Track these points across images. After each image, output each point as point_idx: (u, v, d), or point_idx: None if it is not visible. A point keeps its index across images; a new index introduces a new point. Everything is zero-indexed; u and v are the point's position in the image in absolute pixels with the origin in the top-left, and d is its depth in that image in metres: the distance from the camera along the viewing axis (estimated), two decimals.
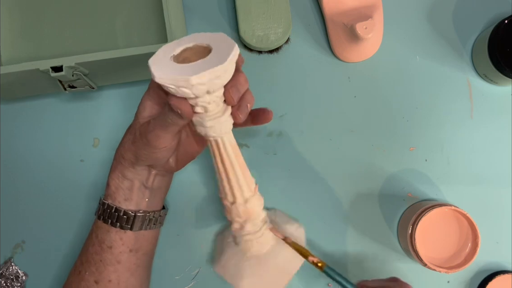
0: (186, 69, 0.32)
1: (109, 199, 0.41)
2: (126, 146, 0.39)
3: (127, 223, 0.41)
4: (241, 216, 0.38)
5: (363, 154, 0.51)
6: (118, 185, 0.41)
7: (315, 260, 0.40)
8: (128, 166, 0.40)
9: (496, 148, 0.50)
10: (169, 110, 0.34)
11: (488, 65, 0.47)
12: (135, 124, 0.38)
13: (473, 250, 0.44)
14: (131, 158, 0.39)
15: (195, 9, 0.53)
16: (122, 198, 0.41)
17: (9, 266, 0.50)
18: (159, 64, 0.33)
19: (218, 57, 0.32)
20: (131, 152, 0.39)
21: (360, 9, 0.49)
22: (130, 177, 0.40)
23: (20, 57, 0.50)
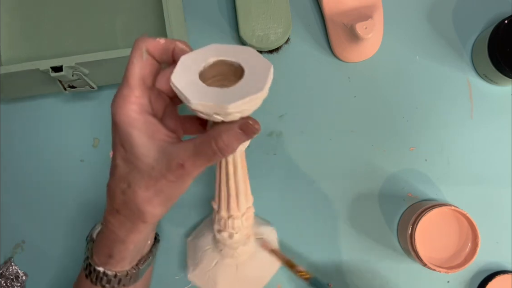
0: (221, 94, 0.28)
1: (107, 267, 0.36)
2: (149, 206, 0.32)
3: (130, 280, 0.37)
4: (234, 228, 0.38)
5: (363, 154, 0.51)
6: (127, 254, 0.36)
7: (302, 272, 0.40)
8: (147, 228, 0.35)
9: (496, 148, 0.50)
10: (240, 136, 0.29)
11: (488, 65, 0.47)
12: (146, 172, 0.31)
13: (473, 250, 0.44)
14: (159, 215, 0.33)
15: (195, 9, 0.53)
16: (128, 262, 0.37)
17: (9, 266, 0.50)
18: (186, 84, 0.29)
19: (254, 79, 0.28)
20: (159, 207, 0.33)
21: (360, 9, 0.49)
22: (144, 238, 0.36)
23: (20, 57, 0.50)
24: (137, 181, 0.31)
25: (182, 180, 0.31)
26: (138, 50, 0.31)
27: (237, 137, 0.29)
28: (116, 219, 0.34)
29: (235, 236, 0.39)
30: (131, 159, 0.31)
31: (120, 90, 0.31)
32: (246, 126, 0.29)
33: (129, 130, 0.30)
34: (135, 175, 0.31)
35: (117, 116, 0.31)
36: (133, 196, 0.32)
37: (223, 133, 0.29)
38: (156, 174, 0.31)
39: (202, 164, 0.30)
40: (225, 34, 0.52)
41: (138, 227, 0.34)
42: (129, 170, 0.31)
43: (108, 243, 0.35)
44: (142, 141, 0.31)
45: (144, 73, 0.31)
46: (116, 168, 0.32)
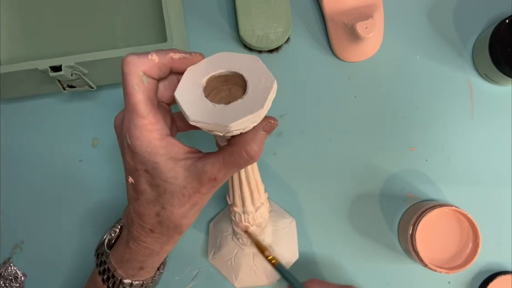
0: (222, 112, 0.28)
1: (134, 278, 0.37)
2: (186, 219, 0.33)
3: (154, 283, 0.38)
4: (249, 222, 0.39)
5: (363, 154, 0.50)
6: (157, 263, 0.37)
7: (270, 257, 0.40)
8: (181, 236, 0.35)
9: (497, 148, 0.50)
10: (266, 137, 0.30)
11: (489, 64, 0.47)
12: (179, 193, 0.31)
13: (474, 250, 0.44)
14: (192, 223, 0.34)
15: (195, 9, 0.52)
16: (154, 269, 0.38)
17: (8, 266, 0.50)
18: (188, 99, 0.29)
19: (256, 97, 0.28)
20: (193, 218, 0.34)
21: (360, 9, 0.49)
22: None
23: (19, 57, 0.50)
24: (171, 202, 0.31)
25: (213, 190, 0.32)
26: (134, 76, 0.29)
27: (264, 140, 0.30)
28: (150, 237, 0.34)
29: (250, 228, 0.40)
30: (159, 184, 0.31)
31: (131, 120, 0.29)
32: (269, 126, 0.30)
33: (153, 158, 0.30)
34: (167, 197, 0.31)
35: (138, 148, 0.30)
36: (170, 215, 0.32)
37: (252, 141, 0.30)
38: (189, 192, 0.31)
39: (233, 173, 0.32)
40: (225, 33, 0.52)
41: (174, 239, 0.35)
42: (158, 193, 0.31)
43: (140, 258, 0.35)
44: (169, 167, 0.30)
45: (151, 97, 0.30)
46: (142, 193, 0.32)
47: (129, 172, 0.32)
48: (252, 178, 0.36)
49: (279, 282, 0.48)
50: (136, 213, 0.33)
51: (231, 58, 0.30)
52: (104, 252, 0.38)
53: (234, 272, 0.43)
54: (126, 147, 0.31)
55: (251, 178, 0.36)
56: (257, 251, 0.42)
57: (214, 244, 0.46)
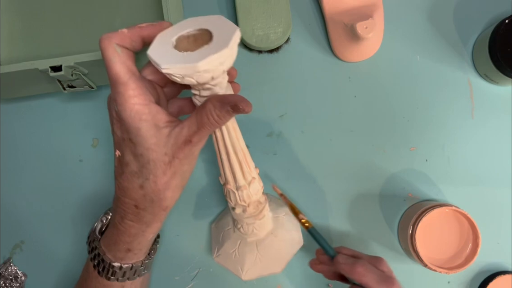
0: (191, 56, 0.31)
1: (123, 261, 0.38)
2: (169, 191, 0.34)
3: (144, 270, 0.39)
4: (244, 200, 0.39)
5: (363, 154, 0.50)
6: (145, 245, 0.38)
7: (303, 220, 0.41)
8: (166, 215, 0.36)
9: (497, 148, 0.50)
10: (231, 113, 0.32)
11: (489, 64, 0.47)
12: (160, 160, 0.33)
13: (474, 250, 0.44)
14: (176, 197, 0.35)
15: (195, 9, 0.52)
16: (144, 252, 0.38)
17: (8, 266, 0.50)
18: (160, 54, 0.32)
19: (221, 41, 0.31)
20: (177, 190, 0.35)
21: (360, 9, 0.49)
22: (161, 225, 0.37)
23: (19, 57, 0.50)
24: (154, 171, 0.33)
25: (191, 155, 0.33)
26: (109, 48, 0.32)
27: (228, 114, 0.32)
28: (135, 214, 0.35)
29: (248, 209, 0.40)
30: (142, 153, 0.32)
31: (115, 89, 0.32)
32: (236, 108, 0.32)
33: (137, 124, 0.32)
34: (150, 166, 0.33)
35: (123, 113, 0.32)
36: (154, 186, 0.33)
37: (216, 109, 0.32)
38: (169, 158, 0.32)
39: (205, 135, 0.33)
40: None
41: (159, 216, 0.35)
42: (141, 164, 0.33)
43: (126, 239, 0.36)
44: (151, 133, 0.32)
45: (128, 65, 0.32)
46: (126, 166, 0.33)
47: (117, 144, 0.34)
48: (238, 146, 0.37)
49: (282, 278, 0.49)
50: (121, 189, 0.34)
51: (198, 20, 0.34)
52: (95, 238, 0.39)
53: (239, 264, 0.44)
54: (114, 117, 0.33)
55: (237, 146, 0.37)
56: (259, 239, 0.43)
57: (217, 241, 0.46)
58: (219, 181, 0.40)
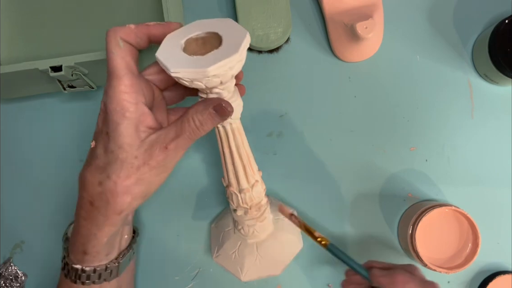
0: (200, 61, 0.30)
1: (84, 264, 0.36)
2: (127, 196, 0.32)
3: (111, 274, 0.37)
4: (247, 202, 0.39)
5: (363, 154, 0.50)
6: (100, 248, 0.35)
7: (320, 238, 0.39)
8: (121, 220, 0.34)
9: (497, 148, 0.50)
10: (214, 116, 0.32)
11: (489, 65, 0.47)
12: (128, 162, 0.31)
13: (474, 250, 0.44)
14: (134, 205, 0.33)
15: (195, 9, 0.52)
16: (104, 255, 0.36)
17: (8, 266, 0.50)
18: (169, 56, 0.31)
19: (230, 46, 0.31)
20: (136, 198, 0.33)
21: (360, 9, 0.49)
22: (117, 231, 0.35)
23: (19, 57, 0.50)
24: (118, 172, 0.32)
25: (163, 165, 0.32)
26: (113, 41, 0.32)
27: (210, 117, 0.32)
28: (88, 212, 0.33)
29: (250, 211, 0.40)
30: (113, 149, 0.32)
31: (109, 82, 0.32)
32: (219, 107, 0.32)
33: (119, 119, 0.31)
34: (115, 166, 0.32)
35: (109, 105, 0.31)
36: (113, 186, 0.32)
37: (198, 113, 0.32)
38: (139, 162, 0.32)
39: (184, 145, 0.32)
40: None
41: (111, 220, 0.33)
42: (108, 160, 0.32)
43: (81, 240, 0.35)
44: (129, 131, 0.31)
45: (127, 61, 0.32)
46: (95, 158, 0.33)
47: (95, 135, 0.34)
48: (243, 150, 0.37)
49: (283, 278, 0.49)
50: (81, 181, 0.33)
51: (207, 23, 0.33)
52: (66, 237, 0.39)
53: (239, 265, 0.44)
54: (101, 109, 0.33)
55: (241, 150, 0.37)
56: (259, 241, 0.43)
57: (216, 242, 0.46)
58: (220, 182, 0.40)
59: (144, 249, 0.50)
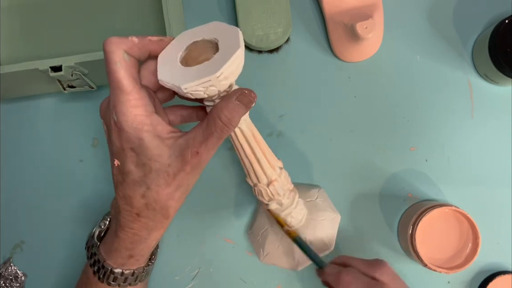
0: (206, 68, 0.30)
1: (124, 267, 0.37)
2: (172, 201, 0.33)
3: (147, 273, 0.38)
4: (279, 192, 0.39)
5: (363, 154, 0.50)
6: (147, 251, 0.36)
7: (289, 230, 0.41)
8: (169, 223, 0.35)
9: (497, 148, 0.50)
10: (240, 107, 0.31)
11: (489, 64, 0.47)
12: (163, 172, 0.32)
13: (474, 250, 0.44)
14: (178, 207, 0.35)
15: (195, 9, 0.52)
16: (144, 259, 0.37)
17: (8, 266, 0.50)
18: (173, 75, 0.31)
19: (229, 45, 0.30)
20: (179, 201, 0.34)
21: (360, 9, 0.49)
22: None
23: (19, 57, 0.50)
24: (157, 182, 0.32)
25: (198, 167, 0.32)
26: (116, 54, 0.31)
27: (237, 108, 0.31)
28: (138, 222, 0.34)
29: (283, 201, 0.40)
30: (145, 162, 0.32)
31: (116, 97, 0.31)
32: (243, 96, 0.31)
33: (139, 134, 0.31)
34: (152, 176, 0.32)
35: (124, 123, 0.31)
36: (156, 196, 0.32)
37: (224, 108, 0.31)
38: (174, 170, 0.32)
39: (214, 145, 0.32)
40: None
41: (162, 224, 0.35)
42: (143, 173, 0.32)
43: (128, 246, 0.35)
44: (154, 143, 0.31)
45: (133, 74, 0.31)
46: (128, 175, 0.32)
47: (115, 154, 0.33)
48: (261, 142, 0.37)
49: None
50: (122, 198, 0.34)
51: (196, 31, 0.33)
52: (94, 244, 0.38)
53: (290, 257, 0.44)
54: (113, 127, 0.32)
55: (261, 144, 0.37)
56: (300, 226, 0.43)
57: (258, 245, 0.47)
58: (220, 182, 0.40)
59: None
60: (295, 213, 0.42)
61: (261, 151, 0.37)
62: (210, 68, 0.30)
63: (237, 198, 0.50)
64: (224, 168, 0.51)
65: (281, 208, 0.41)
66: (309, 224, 0.44)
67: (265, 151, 0.37)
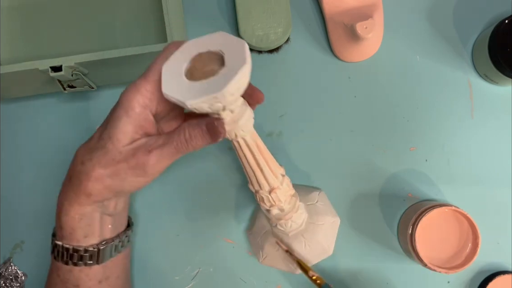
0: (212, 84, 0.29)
1: (63, 240, 0.36)
2: (99, 183, 0.33)
3: (91, 259, 0.36)
4: (280, 199, 0.39)
5: (363, 154, 0.50)
6: (74, 225, 0.35)
7: (314, 277, 0.41)
8: (91, 204, 0.34)
9: (497, 148, 0.50)
10: (205, 134, 0.32)
11: (489, 65, 0.47)
12: (112, 154, 0.32)
13: (474, 250, 0.44)
14: (104, 194, 0.34)
15: (195, 9, 0.52)
16: (81, 236, 0.36)
17: (8, 266, 0.50)
18: (177, 89, 0.30)
19: (235, 59, 0.30)
20: (107, 189, 0.33)
21: (360, 9, 0.49)
22: (90, 213, 0.35)
23: (19, 57, 0.50)
24: (99, 158, 0.33)
25: (143, 169, 0.32)
26: (169, 51, 0.32)
27: (202, 134, 0.32)
28: (65, 187, 0.35)
29: (284, 207, 0.40)
30: (104, 137, 0.33)
31: (137, 80, 0.32)
32: (211, 126, 0.31)
33: (121, 114, 0.32)
34: (100, 152, 0.33)
35: (122, 97, 0.32)
36: (90, 169, 0.33)
37: (191, 127, 0.32)
38: (120, 158, 0.32)
39: (169, 155, 0.32)
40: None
41: (80, 199, 0.34)
42: (97, 146, 0.33)
43: (58, 214, 0.36)
44: (125, 128, 0.32)
45: None
46: (90, 140, 0.34)
47: (104, 120, 0.34)
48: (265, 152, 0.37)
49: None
50: (74, 155, 0.35)
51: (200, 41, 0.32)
52: None
53: (289, 261, 0.44)
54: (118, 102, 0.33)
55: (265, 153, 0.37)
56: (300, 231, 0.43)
57: (257, 247, 0.47)
58: (219, 182, 0.40)
59: (144, 249, 0.50)
60: (295, 218, 0.42)
61: (264, 160, 0.36)
62: (216, 84, 0.29)
63: (238, 198, 0.50)
64: (224, 169, 0.51)
65: (282, 213, 0.41)
66: (308, 228, 0.44)
67: (268, 159, 0.37)
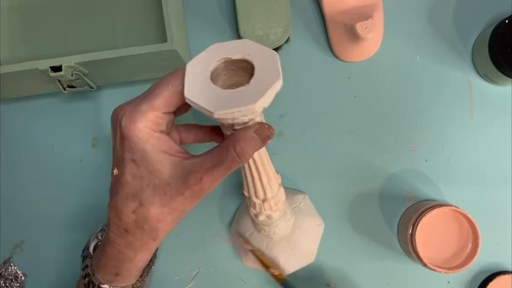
0: (241, 95, 0.27)
1: (113, 284, 0.35)
2: (162, 224, 0.31)
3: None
4: (272, 208, 0.38)
5: (363, 154, 0.50)
6: (133, 270, 0.35)
7: (275, 273, 0.42)
8: (157, 244, 0.33)
9: (497, 148, 0.50)
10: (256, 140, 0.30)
11: (489, 65, 0.47)
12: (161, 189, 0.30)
13: (474, 250, 0.44)
14: (169, 231, 0.32)
15: (195, 9, 0.52)
16: (134, 277, 0.36)
17: (8, 266, 0.50)
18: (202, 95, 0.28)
19: (265, 71, 0.28)
20: (170, 225, 0.32)
21: (360, 9, 0.49)
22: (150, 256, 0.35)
23: (19, 57, 0.50)
24: (151, 199, 0.30)
25: (198, 195, 0.30)
26: (177, 76, 0.29)
27: (253, 141, 0.29)
28: (124, 239, 0.32)
29: (273, 215, 0.39)
30: (143, 176, 0.30)
31: (138, 104, 0.30)
32: (262, 130, 0.29)
33: (143, 145, 0.29)
34: (148, 192, 0.30)
35: (130, 131, 0.29)
36: (147, 215, 0.30)
37: (240, 139, 0.29)
38: (172, 191, 0.30)
39: (221, 175, 0.30)
40: (225, 34, 0.52)
41: (149, 246, 0.33)
42: (140, 187, 0.30)
43: (114, 263, 0.34)
44: (158, 157, 0.30)
45: (172, 101, 0.30)
46: (124, 186, 0.31)
47: (116, 162, 0.31)
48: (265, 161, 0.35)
49: None
50: (113, 209, 0.32)
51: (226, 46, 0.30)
52: (89, 255, 0.37)
53: (274, 264, 0.44)
54: (118, 133, 0.30)
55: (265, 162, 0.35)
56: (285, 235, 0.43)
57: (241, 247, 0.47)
58: (222, 183, 0.40)
59: None
60: (281, 226, 0.42)
61: (265, 171, 0.35)
62: (246, 96, 0.27)
63: (238, 198, 0.50)
64: None
65: (270, 220, 0.40)
66: (294, 233, 0.43)
67: (269, 171, 0.36)
